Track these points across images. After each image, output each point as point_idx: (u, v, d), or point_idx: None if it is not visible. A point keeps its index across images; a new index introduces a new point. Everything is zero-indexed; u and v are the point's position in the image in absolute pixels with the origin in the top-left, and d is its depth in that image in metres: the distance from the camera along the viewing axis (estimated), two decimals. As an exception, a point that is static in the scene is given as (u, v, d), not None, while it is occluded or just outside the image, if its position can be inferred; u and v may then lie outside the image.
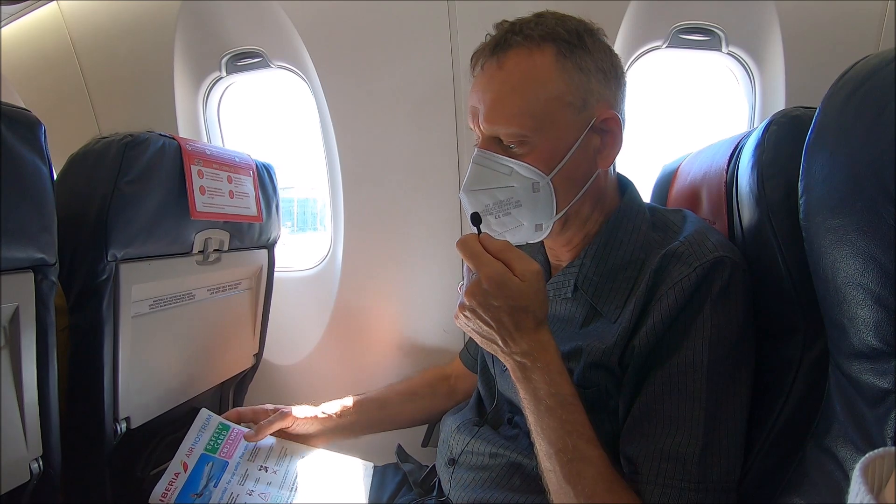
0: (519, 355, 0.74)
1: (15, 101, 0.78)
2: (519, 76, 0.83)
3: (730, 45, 1.48)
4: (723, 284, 0.75)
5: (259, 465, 1.09)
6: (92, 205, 0.94)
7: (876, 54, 0.56)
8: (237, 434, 1.13)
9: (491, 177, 0.85)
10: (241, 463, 1.08)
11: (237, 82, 1.88)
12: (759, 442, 0.77)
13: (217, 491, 1.01)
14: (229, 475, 1.05)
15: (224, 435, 1.11)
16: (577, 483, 0.71)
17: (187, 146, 1.08)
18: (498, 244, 0.74)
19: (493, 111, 0.84)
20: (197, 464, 1.04)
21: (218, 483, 1.03)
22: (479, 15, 1.46)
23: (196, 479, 1.02)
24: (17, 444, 0.79)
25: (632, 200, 0.92)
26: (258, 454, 1.12)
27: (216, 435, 1.11)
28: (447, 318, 1.67)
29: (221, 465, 1.06)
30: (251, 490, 1.04)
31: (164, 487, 0.98)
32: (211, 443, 1.09)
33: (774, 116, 0.75)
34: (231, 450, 1.09)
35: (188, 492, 0.99)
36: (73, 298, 0.96)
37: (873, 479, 0.33)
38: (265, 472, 1.08)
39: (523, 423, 0.90)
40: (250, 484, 1.05)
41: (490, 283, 0.70)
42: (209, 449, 1.07)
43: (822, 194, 0.59)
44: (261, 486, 1.05)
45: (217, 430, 1.11)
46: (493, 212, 0.87)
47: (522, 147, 0.84)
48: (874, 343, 0.57)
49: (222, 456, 1.07)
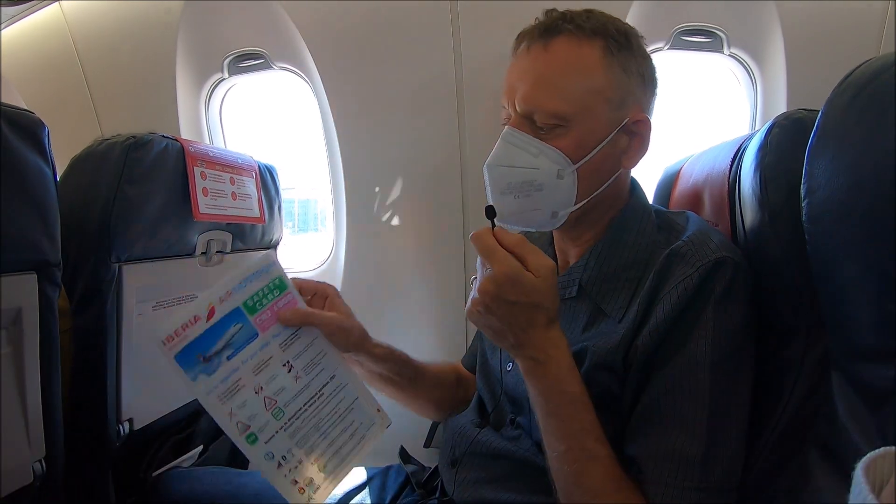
0: (530, 352, 0.73)
1: (17, 103, 0.78)
2: (565, 62, 0.84)
3: (731, 46, 1.48)
4: (725, 285, 0.75)
5: (286, 359, 0.83)
6: (95, 206, 0.94)
7: (878, 58, 0.56)
8: (289, 304, 0.85)
9: (517, 156, 0.85)
10: (270, 345, 0.81)
11: (239, 83, 1.88)
12: (760, 443, 0.77)
13: (226, 367, 0.77)
14: (249, 355, 0.79)
15: (274, 297, 0.83)
16: (584, 482, 0.71)
17: (190, 148, 1.08)
18: (512, 239, 0.73)
19: (533, 90, 0.84)
20: (225, 318, 0.78)
21: (233, 356, 0.77)
22: (482, 15, 1.46)
23: (214, 336, 0.76)
24: (20, 446, 0.79)
25: (638, 201, 0.92)
26: (292, 345, 0.84)
27: (267, 291, 0.83)
28: (450, 319, 1.67)
29: (249, 336, 0.79)
30: (261, 386, 0.79)
31: (175, 329, 0.74)
32: (255, 298, 0.81)
33: (777, 119, 0.75)
34: (269, 322, 0.82)
35: (197, 348, 0.75)
36: (76, 300, 0.96)
37: (874, 479, 0.33)
38: (286, 373, 0.82)
39: (526, 423, 0.90)
40: (263, 378, 0.80)
41: (504, 279, 0.70)
42: (248, 306, 0.80)
43: (825, 197, 0.59)
44: (272, 387, 0.80)
45: (270, 286, 0.83)
46: (514, 191, 0.86)
47: (555, 131, 0.84)
48: (876, 344, 0.57)
49: (257, 324, 0.80)
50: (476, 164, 1.55)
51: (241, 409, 0.77)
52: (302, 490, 0.79)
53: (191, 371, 0.74)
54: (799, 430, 0.72)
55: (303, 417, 0.82)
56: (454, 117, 1.54)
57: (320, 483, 0.81)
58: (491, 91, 1.51)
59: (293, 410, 0.81)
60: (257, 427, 0.77)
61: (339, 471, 0.84)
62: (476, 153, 1.55)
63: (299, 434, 0.81)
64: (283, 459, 0.79)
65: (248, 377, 0.78)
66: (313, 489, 0.80)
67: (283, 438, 0.79)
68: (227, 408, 0.76)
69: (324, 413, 0.84)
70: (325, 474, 0.82)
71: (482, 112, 1.53)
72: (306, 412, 0.82)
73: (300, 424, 0.81)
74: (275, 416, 0.79)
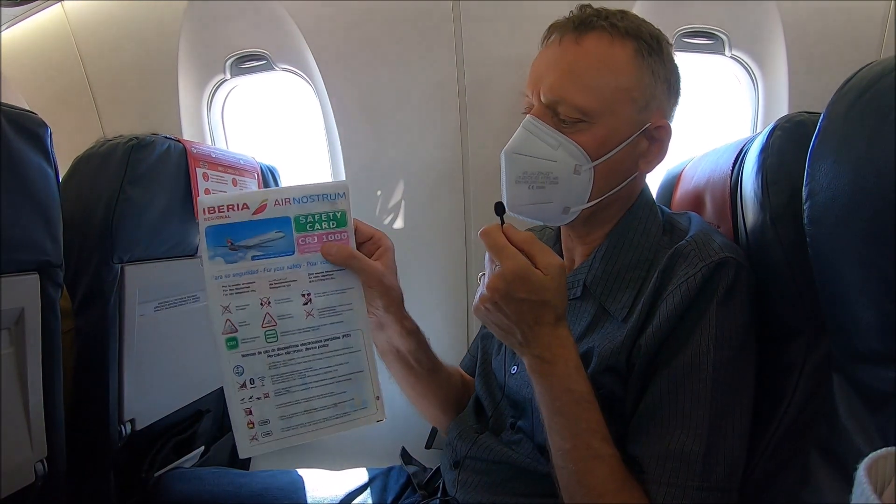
0: (537, 350, 0.73)
1: (20, 104, 0.78)
2: (596, 58, 0.84)
3: (733, 48, 1.48)
4: (728, 285, 0.75)
5: (308, 291, 0.76)
6: (97, 207, 0.95)
7: (879, 61, 0.56)
8: (344, 239, 0.79)
9: (536, 145, 0.85)
10: (300, 269, 0.76)
11: (241, 85, 1.88)
12: (762, 444, 0.77)
13: (246, 264, 0.73)
14: (274, 266, 0.75)
15: (329, 227, 0.78)
16: (588, 481, 0.71)
17: (192, 149, 1.08)
18: (522, 236, 0.73)
19: (561, 81, 0.84)
20: (272, 220, 0.74)
21: (259, 259, 0.74)
22: (484, 16, 1.46)
23: (252, 231, 0.73)
24: (22, 446, 0.79)
25: (645, 202, 0.92)
26: (322, 281, 0.77)
27: (324, 218, 0.77)
28: (451, 322, 1.67)
29: (284, 249, 0.75)
30: (269, 301, 0.74)
31: (220, 204, 0.71)
32: (309, 219, 0.76)
33: (779, 121, 0.75)
34: (311, 248, 0.77)
35: (230, 233, 0.72)
36: (78, 300, 0.96)
37: (877, 479, 0.33)
38: (301, 304, 0.76)
39: (527, 427, 0.90)
40: (276, 295, 0.75)
41: (513, 276, 0.69)
42: (299, 222, 0.76)
43: (827, 200, 0.60)
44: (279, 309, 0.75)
45: (330, 215, 0.78)
46: (528, 181, 0.86)
47: (577, 126, 0.84)
48: (877, 347, 0.57)
49: (298, 243, 0.76)
50: (478, 166, 1.55)
51: (237, 311, 0.73)
52: (251, 424, 0.74)
53: (213, 249, 0.72)
54: (800, 432, 0.72)
55: (293, 355, 0.76)
56: (456, 118, 1.54)
57: (273, 430, 0.75)
58: (493, 92, 1.51)
59: (287, 343, 0.75)
60: (243, 336, 0.73)
61: (301, 432, 0.76)
62: (478, 154, 1.55)
63: (281, 369, 0.75)
64: (250, 382, 0.74)
65: (261, 286, 0.74)
66: (262, 431, 0.75)
67: (261, 362, 0.74)
68: (225, 301, 0.73)
69: (317, 365, 0.77)
70: (283, 425, 0.75)
71: (485, 113, 1.53)
72: (299, 353, 0.76)
73: (286, 360, 0.75)
74: (267, 336, 0.74)
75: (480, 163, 1.55)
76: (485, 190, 1.56)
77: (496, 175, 0.95)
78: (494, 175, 0.96)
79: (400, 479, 1.22)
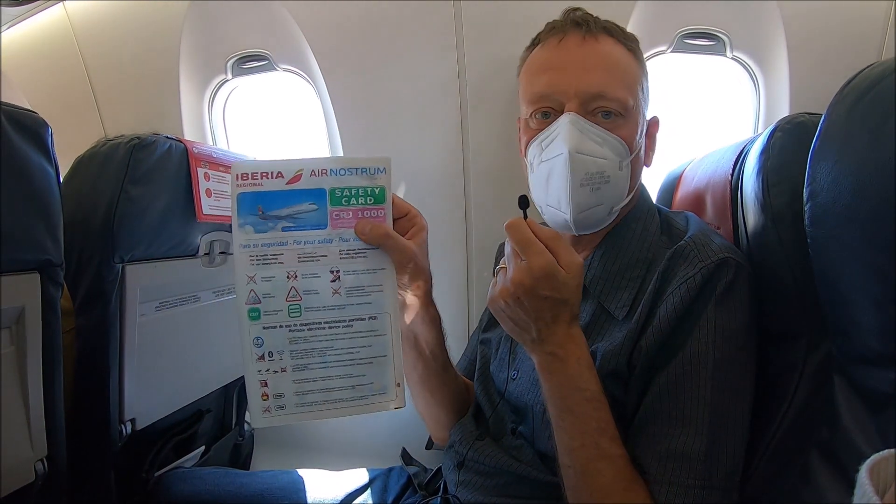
0: (551, 347, 0.72)
1: (21, 103, 0.78)
2: (616, 56, 0.86)
3: (734, 49, 1.48)
4: (727, 285, 0.75)
5: (338, 268, 0.74)
6: (99, 207, 0.95)
7: (880, 63, 0.56)
8: (380, 217, 0.75)
9: (588, 145, 0.82)
10: (332, 244, 0.73)
11: (243, 85, 1.88)
12: (763, 445, 0.77)
13: (275, 234, 0.71)
14: (304, 239, 0.72)
15: (366, 203, 0.74)
16: (595, 481, 0.71)
17: (194, 149, 1.08)
18: (547, 232, 0.71)
19: (601, 76, 0.83)
20: (306, 191, 0.72)
21: (289, 230, 0.72)
22: (485, 16, 1.46)
23: (284, 200, 0.71)
24: (22, 445, 0.79)
25: (644, 201, 0.93)
26: (353, 259, 0.74)
27: (362, 193, 0.74)
28: (452, 323, 1.67)
29: (317, 222, 0.73)
30: (296, 275, 0.72)
31: (253, 171, 0.70)
32: (346, 192, 0.73)
33: (779, 123, 0.75)
34: (345, 224, 0.74)
35: (261, 201, 0.70)
36: (79, 300, 0.96)
37: (879, 481, 0.33)
38: (329, 281, 0.73)
39: (528, 432, 0.90)
40: (304, 269, 0.72)
41: (542, 273, 0.68)
42: (335, 195, 0.73)
43: (827, 201, 0.60)
44: (306, 284, 0.72)
45: (368, 190, 0.74)
46: (590, 183, 0.83)
47: (616, 121, 0.84)
48: (878, 348, 0.57)
49: (332, 217, 0.73)
50: (479, 167, 1.55)
51: (262, 282, 0.71)
52: (266, 396, 0.72)
53: (243, 216, 0.70)
54: (801, 433, 0.72)
55: (315, 332, 0.73)
56: (457, 119, 1.54)
57: (287, 405, 0.73)
58: (493, 92, 1.51)
59: (310, 319, 0.73)
60: (266, 308, 0.71)
61: (315, 409, 0.74)
62: (479, 156, 1.55)
63: (301, 345, 0.72)
64: (268, 355, 0.72)
65: (290, 258, 0.72)
66: (276, 405, 0.72)
67: (281, 336, 0.72)
68: (251, 271, 0.70)
69: (339, 345, 0.74)
70: (298, 400, 0.73)
71: (485, 114, 1.53)
72: (322, 331, 0.73)
73: (308, 336, 0.73)
74: (290, 311, 0.72)
75: (481, 163, 1.55)
76: (485, 191, 1.56)
77: (496, 175, 0.95)
78: (495, 175, 0.97)
79: (400, 480, 1.22)
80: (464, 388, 1.11)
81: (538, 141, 0.87)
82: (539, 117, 0.87)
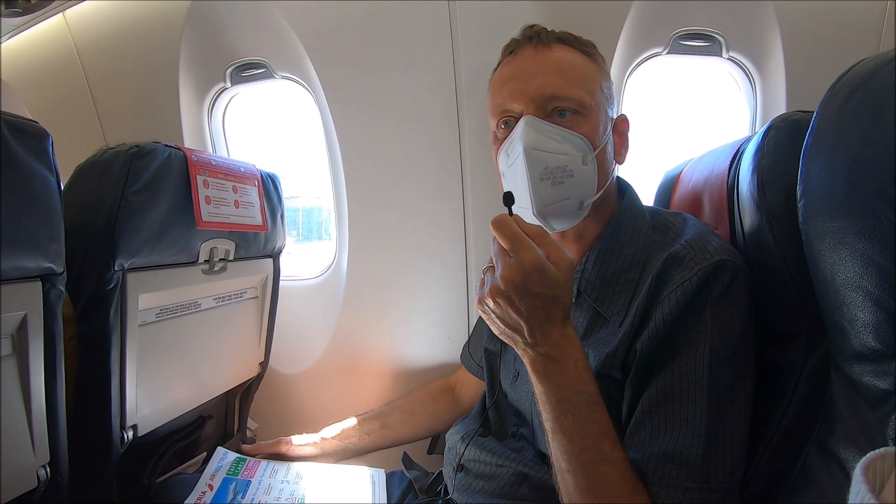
0: (546, 349, 0.71)
1: (22, 113, 0.79)
2: (570, 60, 0.89)
3: (730, 50, 1.49)
4: (724, 287, 0.75)
5: (280, 479, 1.19)
6: (99, 215, 0.95)
7: (872, 57, 0.56)
8: (254, 463, 1.24)
9: (546, 142, 0.85)
10: (265, 479, 1.18)
11: (242, 93, 1.89)
12: (763, 445, 0.77)
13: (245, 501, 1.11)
14: (254, 489, 1.15)
15: (242, 465, 1.22)
16: (598, 485, 0.70)
17: (193, 156, 1.09)
18: (534, 228, 0.71)
19: (554, 78, 0.87)
20: (221, 484, 1.14)
21: (245, 495, 1.12)
22: (480, 23, 1.47)
23: (223, 494, 1.11)
24: (24, 451, 0.79)
25: (632, 203, 0.93)
26: (278, 472, 1.22)
27: (234, 466, 1.21)
28: (452, 326, 1.67)
29: (245, 484, 1.16)
30: (277, 496, 1.14)
31: (195, 500, 1.07)
32: (231, 469, 1.20)
33: (773, 121, 0.76)
34: (252, 472, 1.20)
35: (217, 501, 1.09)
36: (80, 307, 0.96)
37: (874, 479, 0.33)
38: (287, 485, 1.18)
39: (529, 434, 0.90)
40: (275, 492, 1.15)
41: (533, 268, 0.67)
42: (231, 473, 1.18)
43: (821, 197, 0.60)
44: (287, 491, 1.16)
45: (234, 463, 1.22)
46: (551, 177, 0.85)
47: (575, 119, 0.87)
48: (874, 345, 0.57)
49: (244, 476, 1.18)
50: (476, 169, 1.55)
51: None
52: None
53: None
54: (800, 431, 0.72)
55: None
56: (454, 122, 1.55)
57: None
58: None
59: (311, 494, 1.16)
60: None
61: None
62: (476, 158, 1.56)
63: None
64: None
65: (264, 497, 1.12)
66: None
67: None
68: None
69: None
70: None
71: (481, 116, 1.53)
72: None
73: None
74: None
75: (478, 166, 1.55)
76: (482, 193, 1.57)
77: (494, 176, 0.96)
78: (492, 176, 0.97)
79: (402, 484, 1.22)
80: (430, 406, 1.36)
81: (504, 149, 0.91)
82: (503, 126, 0.92)
